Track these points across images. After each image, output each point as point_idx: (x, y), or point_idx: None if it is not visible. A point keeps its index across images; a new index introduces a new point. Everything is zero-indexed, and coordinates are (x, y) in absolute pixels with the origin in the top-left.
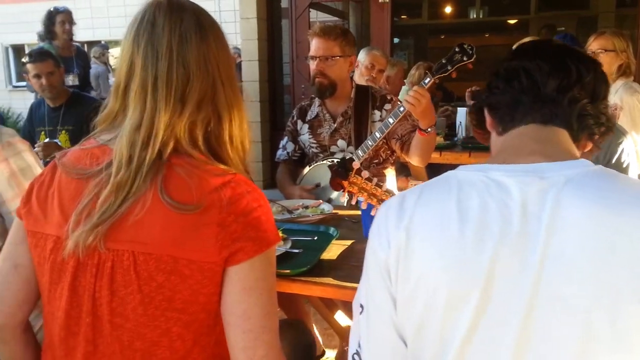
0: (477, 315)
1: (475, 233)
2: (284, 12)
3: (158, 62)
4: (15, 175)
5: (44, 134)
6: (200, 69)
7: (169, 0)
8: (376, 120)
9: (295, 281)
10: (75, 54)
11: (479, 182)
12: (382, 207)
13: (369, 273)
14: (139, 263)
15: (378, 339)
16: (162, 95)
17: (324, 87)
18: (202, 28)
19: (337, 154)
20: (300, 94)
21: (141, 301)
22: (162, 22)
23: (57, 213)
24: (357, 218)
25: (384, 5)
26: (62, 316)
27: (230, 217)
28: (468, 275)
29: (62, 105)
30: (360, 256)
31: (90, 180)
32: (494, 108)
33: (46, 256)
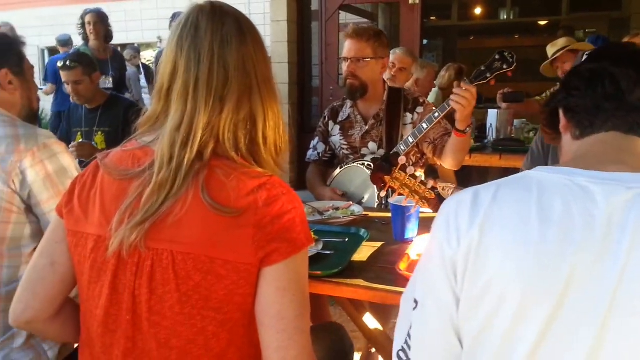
0: (549, 321)
1: (557, 237)
2: (314, 14)
3: (200, 64)
4: (50, 177)
5: (80, 135)
6: (239, 70)
7: (212, 4)
8: (407, 123)
9: (326, 282)
10: (111, 57)
11: (563, 186)
12: (451, 201)
13: (429, 268)
14: (177, 262)
15: (433, 337)
16: (202, 96)
17: (354, 88)
18: (242, 32)
19: (368, 156)
20: (329, 96)
21: (178, 300)
22: (205, 26)
23: (99, 213)
24: (387, 220)
25: (414, 6)
26: (102, 314)
27: (266, 219)
28: (545, 280)
29: (100, 107)
30: (389, 258)
31: (133, 180)
32: (572, 111)
33: (87, 255)
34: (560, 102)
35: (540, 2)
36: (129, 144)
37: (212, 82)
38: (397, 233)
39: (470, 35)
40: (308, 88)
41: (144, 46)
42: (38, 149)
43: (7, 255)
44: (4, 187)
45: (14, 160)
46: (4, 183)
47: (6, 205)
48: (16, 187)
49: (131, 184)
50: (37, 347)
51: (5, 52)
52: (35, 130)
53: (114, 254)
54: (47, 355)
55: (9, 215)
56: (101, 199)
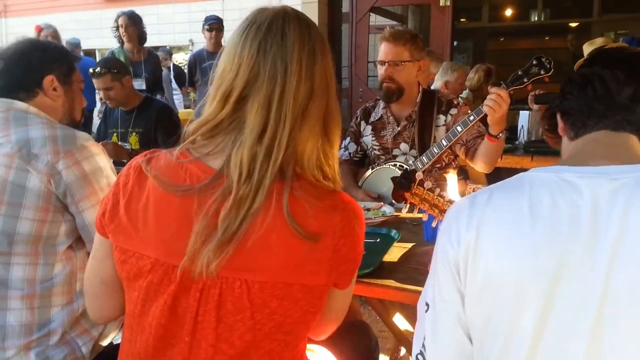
0: (546, 311)
1: (546, 230)
2: (344, 16)
3: (287, 75)
4: (86, 177)
5: (115, 136)
6: (323, 84)
7: (296, 12)
8: (440, 124)
9: (357, 282)
10: (145, 59)
11: (551, 182)
12: (452, 207)
13: (437, 271)
14: (253, 291)
15: (444, 336)
16: (288, 108)
17: (391, 91)
18: (325, 44)
19: (399, 157)
20: (358, 98)
21: (251, 327)
22: (292, 35)
23: (154, 232)
24: (418, 221)
25: (444, 8)
26: (158, 331)
27: (341, 242)
28: (537, 271)
29: (135, 109)
30: (420, 259)
31: (193, 197)
32: (567, 114)
33: (139, 273)
34: (557, 107)
35: (571, 3)
36: (180, 154)
37: (299, 96)
38: (429, 234)
39: (501, 36)
40: (337, 90)
41: (175, 49)
42: (76, 150)
43: (42, 253)
44: (41, 186)
45: (51, 160)
46: (40, 182)
47: (43, 204)
48: (52, 186)
49: (191, 201)
50: (71, 342)
51: (57, 59)
52: (73, 131)
53: (174, 279)
54: (81, 350)
55: (45, 214)
56: (155, 216)
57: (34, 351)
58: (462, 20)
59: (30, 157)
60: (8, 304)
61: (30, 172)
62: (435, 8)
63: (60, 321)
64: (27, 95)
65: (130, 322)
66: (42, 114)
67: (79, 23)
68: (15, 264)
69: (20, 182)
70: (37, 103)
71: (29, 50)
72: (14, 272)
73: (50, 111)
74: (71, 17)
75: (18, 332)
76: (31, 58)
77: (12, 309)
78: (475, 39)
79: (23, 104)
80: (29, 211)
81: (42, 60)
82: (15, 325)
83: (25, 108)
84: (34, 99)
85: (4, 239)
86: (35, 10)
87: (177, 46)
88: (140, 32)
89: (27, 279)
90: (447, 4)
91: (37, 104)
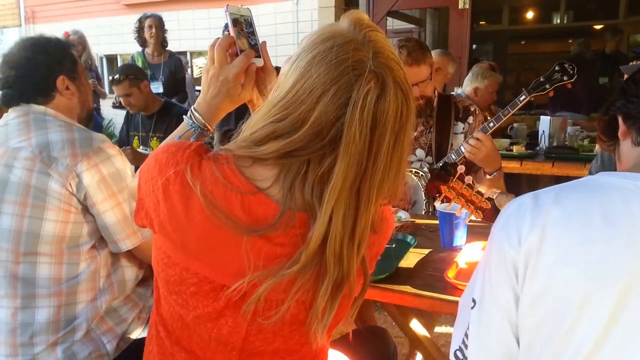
0: (611, 322)
1: (621, 238)
2: None
3: (387, 106)
4: (105, 180)
5: (137, 139)
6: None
7: (397, 65)
8: (458, 132)
9: (373, 288)
10: (165, 61)
11: (626, 189)
12: (512, 203)
13: (490, 268)
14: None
15: (491, 335)
16: (380, 148)
17: (424, 107)
18: None
19: (415, 163)
20: None
21: None
22: (393, 101)
23: (202, 248)
24: (434, 227)
25: (463, 11)
26: (197, 339)
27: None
28: (606, 281)
29: (155, 114)
30: (437, 265)
31: (245, 235)
32: (632, 117)
33: (182, 284)
34: (619, 110)
35: (596, 5)
36: (229, 170)
37: (381, 178)
38: (445, 240)
39: (522, 39)
40: None
41: (195, 54)
42: (93, 153)
43: (66, 253)
44: (62, 189)
45: (70, 163)
46: (61, 185)
47: (64, 206)
48: (73, 189)
49: (241, 237)
50: (96, 339)
51: (61, 59)
52: (90, 134)
53: (223, 297)
54: (106, 348)
55: (67, 215)
56: (204, 236)
57: (60, 347)
58: (481, 23)
59: (51, 161)
60: (36, 302)
61: (52, 176)
62: (453, 11)
63: (85, 317)
64: (46, 99)
65: (167, 316)
66: (60, 115)
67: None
68: (42, 264)
69: (42, 186)
70: (55, 105)
71: (33, 56)
72: (40, 271)
73: (68, 110)
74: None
75: (46, 329)
76: (39, 63)
77: (40, 307)
78: (495, 42)
79: (41, 107)
80: (52, 213)
81: (49, 62)
82: (43, 323)
83: (43, 111)
84: (53, 101)
85: (29, 239)
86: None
87: (197, 51)
88: (164, 34)
89: (53, 278)
90: (466, 6)
91: (56, 105)
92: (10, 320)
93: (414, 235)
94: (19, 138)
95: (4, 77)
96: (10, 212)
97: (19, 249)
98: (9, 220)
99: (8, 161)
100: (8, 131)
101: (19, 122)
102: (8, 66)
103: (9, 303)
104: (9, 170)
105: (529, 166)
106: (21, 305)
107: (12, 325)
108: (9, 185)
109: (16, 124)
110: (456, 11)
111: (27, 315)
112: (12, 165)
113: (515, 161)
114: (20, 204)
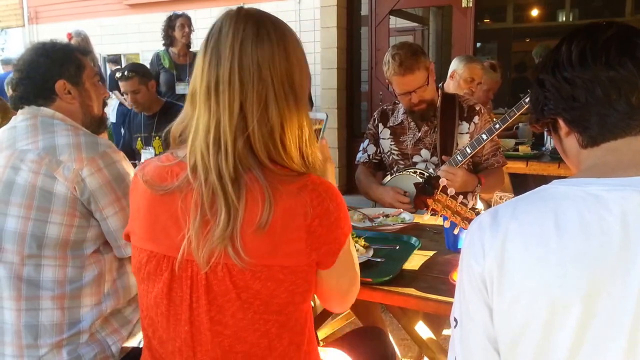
0: (581, 330)
1: (574, 246)
2: (363, 19)
3: (219, 66)
4: (109, 184)
5: (140, 140)
6: (256, 72)
7: (239, 9)
8: (464, 132)
9: (377, 290)
10: (190, 62)
11: (576, 197)
12: (474, 222)
13: (463, 287)
14: (234, 274)
15: (472, 350)
16: (223, 98)
17: (426, 111)
18: (259, 33)
19: (420, 164)
20: (378, 101)
21: (240, 307)
22: (227, 29)
23: (148, 227)
24: (438, 229)
25: (467, 9)
26: (163, 321)
27: (315, 222)
28: (569, 290)
29: (157, 114)
30: (442, 268)
31: (175, 194)
32: (575, 122)
33: (141, 267)
34: (560, 114)
35: (601, 3)
36: (164, 157)
37: (234, 84)
38: (450, 242)
39: (526, 37)
40: (357, 93)
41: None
42: (98, 157)
43: (70, 256)
44: (67, 193)
45: (75, 167)
46: (67, 189)
47: (69, 210)
48: (77, 193)
49: (175, 198)
50: (102, 342)
51: (63, 63)
52: (95, 139)
53: (166, 268)
54: (111, 349)
55: (71, 219)
56: (148, 215)
57: (65, 349)
58: (485, 21)
59: (57, 164)
60: (40, 304)
61: (57, 179)
62: (457, 9)
63: (90, 321)
64: (46, 102)
65: (142, 316)
66: (67, 119)
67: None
68: (46, 266)
69: (47, 188)
70: (57, 108)
71: (35, 58)
72: (44, 273)
73: (69, 115)
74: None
75: (50, 331)
76: (38, 66)
77: (44, 308)
78: (499, 41)
79: (49, 110)
80: (56, 216)
81: (49, 66)
82: (47, 325)
83: (51, 114)
84: (53, 104)
85: (34, 242)
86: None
87: None
88: (190, 33)
89: (57, 280)
90: (469, 5)
91: (58, 109)
92: (15, 321)
93: (418, 237)
94: (26, 141)
95: (12, 80)
96: (15, 214)
97: (24, 251)
98: (14, 222)
99: (15, 163)
100: (16, 134)
101: (27, 125)
102: (15, 69)
103: (13, 305)
104: (15, 173)
105: (534, 167)
106: (25, 307)
107: (17, 327)
108: (15, 187)
109: (24, 126)
110: (459, 9)
111: (31, 317)
112: (19, 168)
113: (521, 162)
114: (26, 207)
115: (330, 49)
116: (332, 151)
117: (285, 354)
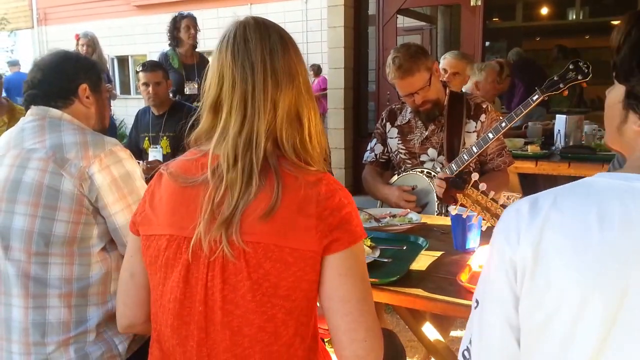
0: (611, 324)
1: (618, 241)
2: (371, 19)
3: (255, 73)
4: (116, 182)
5: (147, 140)
6: (287, 76)
7: (254, 19)
8: (471, 131)
9: (384, 290)
10: (197, 62)
11: (622, 190)
12: (511, 207)
13: (490, 269)
14: (247, 251)
15: (492, 334)
16: (260, 102)
17: (432, 110)
18: (285, 41)
19: (427, 163)
20: (385, 101)
21: (250, 287)
22: (254, 38)
23: (169, 215)
24: (446, 229)
25: (475, 8)
26: (177, 307)
27: (327, 211)
28: (606, 283)
29: (165, 113)
30: (450, 268)
31: (200, 187)
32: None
33: (159, 254)
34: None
35: (612, 1)
36: (190, 153)
37: (267, 89)
38: (458, 243)
39: (536, 36)
40: (364, 93)
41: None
42: (105, 155)
43: (77, 254)
44: (74, 190)
45: (82, 165)
46: (74, 187)
47: (76, 208)
48: (84, 190)
49: (199, 190)
50: (108, 340)
51: (89, 70)
52: (102, 137)
53: (186, 250)
54: (117, 348)
55: (78, 217)
56: (170, 204)
57: (72, 347)
58: (494, 20)
59: (64, 162)
60: (47, 302)
61: (64, 177)
62: (465, 8)
63: (97, 319)
64: (65, 103)
65: (154, 310)
66: (75, 120)
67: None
68: (53, 264)
69: (55, 186)
70: (72, 110)
71: (64, 60)
72: (52, 271)
73: (83, 118)
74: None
75: (57, 329)
76: (67, 68)
77: (51, 306)
78: (509, 39)
79: (57, 111)
80: (63, 213)
81: (76, 69)
82: (54, 322)
83: (59, 115)
84: (71, 106)
85: (41, 239)
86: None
87: (206, 51)
88: (196, 34)
89: (64, 278)
90: (478, 3)
91: (73, 111)
92: (22, 319)
93: (425, 238)
94: (33, 140)
95: (30, 78)
96: (23, 212)
97: (31, 248)
98: (21, 220)
99: (22, 162)
100: (24, 135)
101: (35, 125)
102: (38, 68)
103: (21, 302)
104: (22, 171)
105: (544, 166)
106: (33, 304)
107: (24, 324)
108: (22, 185)
109: (32, 127)
110: (468, 8)
111: (38, 315)
112: (26, 166)
113: (530, 161)
114: (33, 204)
115: (337, 49)
116: (339, 152)
117: (290, 344)
